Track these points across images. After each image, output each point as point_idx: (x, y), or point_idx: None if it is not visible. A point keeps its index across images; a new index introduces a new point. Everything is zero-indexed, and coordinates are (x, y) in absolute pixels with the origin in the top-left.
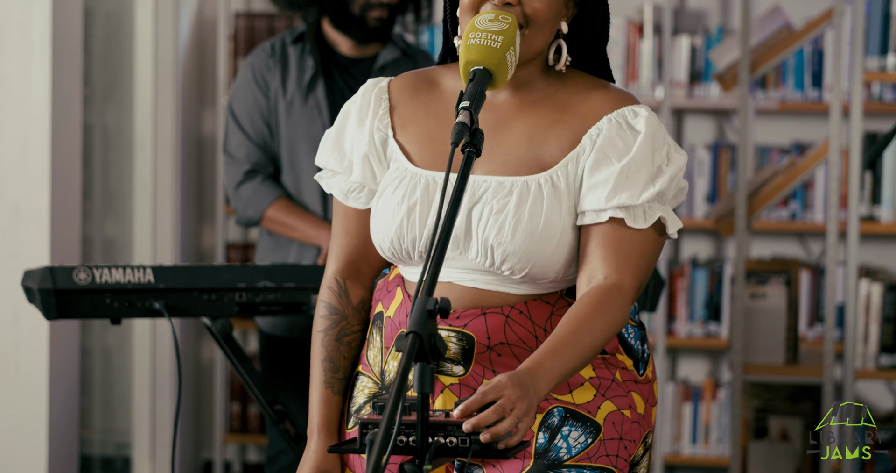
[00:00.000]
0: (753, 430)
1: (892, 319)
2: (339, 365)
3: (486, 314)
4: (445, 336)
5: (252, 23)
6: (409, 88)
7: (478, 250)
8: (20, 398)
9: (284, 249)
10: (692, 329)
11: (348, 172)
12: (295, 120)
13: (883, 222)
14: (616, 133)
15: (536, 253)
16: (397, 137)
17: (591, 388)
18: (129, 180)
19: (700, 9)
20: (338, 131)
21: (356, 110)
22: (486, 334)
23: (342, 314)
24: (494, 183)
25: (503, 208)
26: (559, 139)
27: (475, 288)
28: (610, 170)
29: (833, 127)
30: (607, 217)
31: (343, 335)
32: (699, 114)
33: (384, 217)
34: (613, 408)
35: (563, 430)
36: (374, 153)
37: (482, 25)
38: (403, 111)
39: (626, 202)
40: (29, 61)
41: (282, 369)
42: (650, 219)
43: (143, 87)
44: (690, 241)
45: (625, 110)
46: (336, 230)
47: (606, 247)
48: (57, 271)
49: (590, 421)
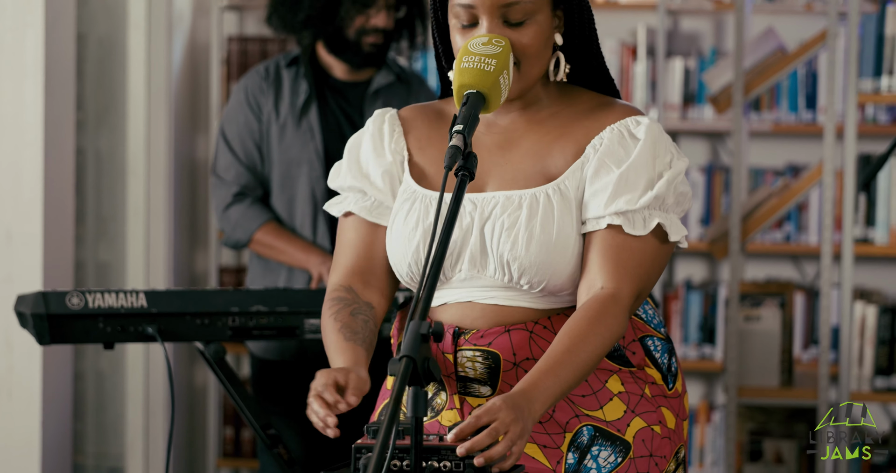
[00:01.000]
0: (748, 453)
1: (886, 341)
2: (356, 330)
3: (509, 330)
4: (471, 356)
5: (245, 47)
6: (419, 116)
7: (495, 266)
8: (13, 422)
9: (274, 273)
10: (686, 352)
11: (372, 188)
12: (288, 143)
13: (877, 243)
14: (618, 141)
15: (552, 264)
16: (414, 159)
17: (620, 404)
18: (121, 205)
19: (693, 31)
20: (352, 157)
21: (369, 137)
22: (511, 350)
23: (353, 301)
24: (503, 198)
25: (514, 222)
26: (564, 151)
27: (496, 305)
28: (610, 177)
29: (827, 149)
30: (605, 224)
31: (357, 313)
32: (693, 136)
33: (400, 242)
34: (643, 425)
35: (592, 450)
36: (396, 171)
37: (475, 49)
38: (418, 135)
39: (624, 208)
40: (21, 85)
41: (274, 393)
42: (649, 225)
43: (135, 111)
44: (684, 263)
45: (628, 120)
46: (342, 248)
47: (605, 255)
48: (50, 296)
49: (619, 440)
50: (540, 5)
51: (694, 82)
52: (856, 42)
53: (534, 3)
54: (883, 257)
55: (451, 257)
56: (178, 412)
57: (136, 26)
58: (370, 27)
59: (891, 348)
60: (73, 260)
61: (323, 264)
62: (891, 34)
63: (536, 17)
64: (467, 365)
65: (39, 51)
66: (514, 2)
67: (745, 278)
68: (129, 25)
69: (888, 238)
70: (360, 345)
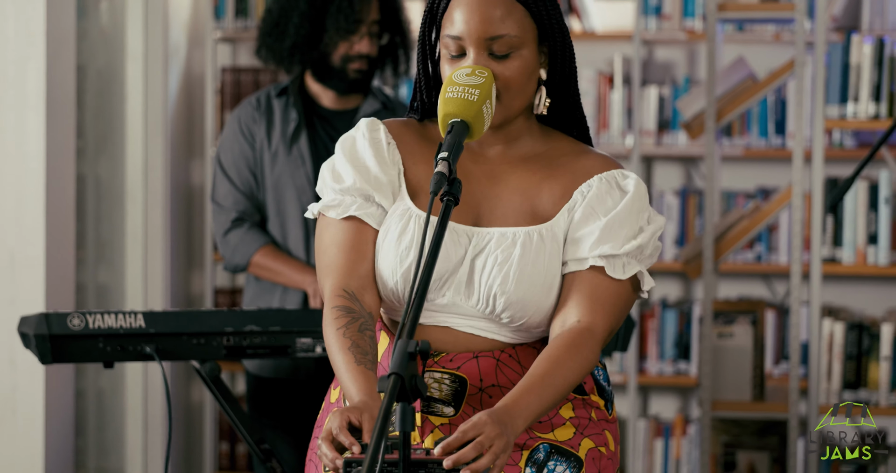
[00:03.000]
0: (722, 465)
1: (854, 356)
2: (366, 350)
3: (478, 357)
4: (439, 377)
5: (238, 77)
6: (406, 131)
7: (479, 297)
8: (17, 439)
9: (269, 294)
10: (662, 368)
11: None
12: (280, 170)
13: (844, 263)
14: (606, 191)
15: (536, 302)
16: (408, 173)
17: (571, 427)
18: (120, 229)
19: (667, 60)
20: (357, 162)
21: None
22: (478, 376)
23: (359, 313)
24: (497, 234)
25: (507, 258)
26: (552, 193)
27: (471, 334)
28: (596, 223)
29: (796, 173)
30: (589, 265)
31: (364, 328)
32: (667, 161)
33: (393, 259)
34: (592, 445)
35: (548, 465)
36: (397, 182)
37: (459, 79)
38: (409, 148)
39: (609, 252)
40: (24, 115)
41: (268, 409)
42: (629, 272)
43: (133, 139)
44: (660, 283)
45: (615, 173)
46: (337, 250)
47: (584, 292)
48: (52, 317)
49: (574, 456)
50: (525, 40)
51: (668, 109)
52: (822, 70)
53: (519, 37)
54: (850, 276)
55: (438, 282)
56: (176, 427)
57: (134, 58)
58: (354, 54)
59: (858, 363)
60: (74, 282)
61: (317, 283)
62: (855, 63)
63: (521, 52)
64: (433, 386)
65: (41, 82)
66: (500, 35)
67: (718, 296)
68: (127, 57)
69: (854, 258)
70: (370, 369)
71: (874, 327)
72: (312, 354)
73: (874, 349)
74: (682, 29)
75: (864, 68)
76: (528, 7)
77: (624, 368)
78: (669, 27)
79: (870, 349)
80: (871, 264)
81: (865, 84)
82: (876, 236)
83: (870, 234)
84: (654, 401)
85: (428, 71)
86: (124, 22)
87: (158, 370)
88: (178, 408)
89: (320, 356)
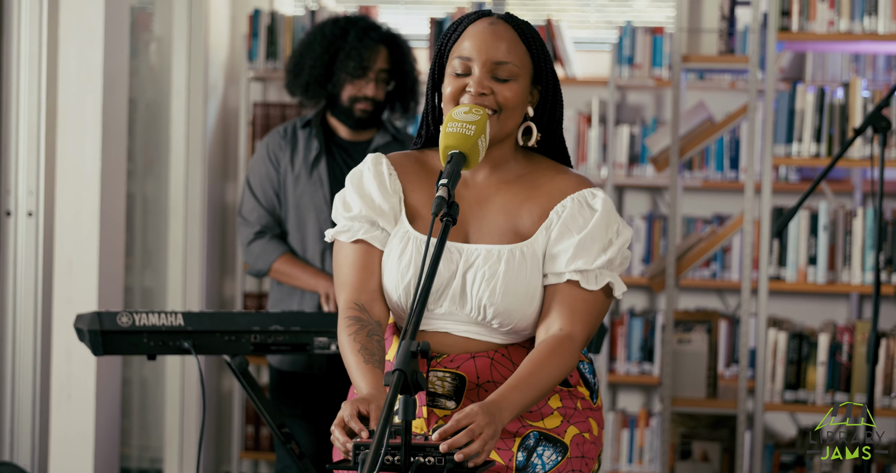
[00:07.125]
0: (680, 452)
1: (794, 361)
2: (373, 352)
3: (474, 357)
4: (441, 376)
5: (267, 111)
6: (406, 162)
7: (472, 307)
8: (72, 420)
9: (290, 297)
10: (629, 368)
11: (384, 221)
12: (301, 191)
13: (788, 281)
14: (577, 211)
15: (521, 311)
16: (408, 200)
17: (558, 416)
18: (163, 240)
19: (638, 104)
20: (363, 193)
21: (373, 177)
22: (475, 374)
23: (368, 321)
24: (484, 251)
25: (494, 273)
26: (531, 213)
27: (467, 337)
28: (570, 241)
29: (747, 202)
30: (566, 279)
31: (372, 334)
32: (637, 190)
33: (395, 275)
34: (577, 432)
35: (538, 450)
36: (398, 209)
37: (458, 116)
38: (409, 178)
39: (582, 267)
40: (82, 141)
41: (288, 398)
42: (601, 282)
43: (176, 163)
44: (628, 295)
45: (585, 192)
46: (350, 269)
47: (564, 303)
48: (103, 315)
49: (559, 442)
50: (523, 73)
51: (638, 146)
52: (771, 114)
53: (520, 68)
54: (792, 292)
55: (436, 294)
56: (208, 412)
57: (178, 93)
58: (361, 95)
59: (798, 367)
60: (123, 286)
61: (329, 286)
62: (800, 108)
63: (519, 80)
64: (437, 383)
65: (98, 113)
66: (504, 62)
67: (678, 307)
68: (172, 93)
69: (797, 276)
70: (377, 367)
71: (812, 336)
72: (328, 351)
73: (812, 355)
74: (651, 77)
75: (807, 113)
76: (530, 49)
77: (596, 368)
78: (640, 75)
79: (808, 356)
80: (811, 282)
81: (808, 127)
82: (815, 258)
83: (810, 256)
84: (621, 397)
85: (436, 104)
86: (170, 62)
87: (195, 362)
88: (210, 395)
89: (334, 353)
